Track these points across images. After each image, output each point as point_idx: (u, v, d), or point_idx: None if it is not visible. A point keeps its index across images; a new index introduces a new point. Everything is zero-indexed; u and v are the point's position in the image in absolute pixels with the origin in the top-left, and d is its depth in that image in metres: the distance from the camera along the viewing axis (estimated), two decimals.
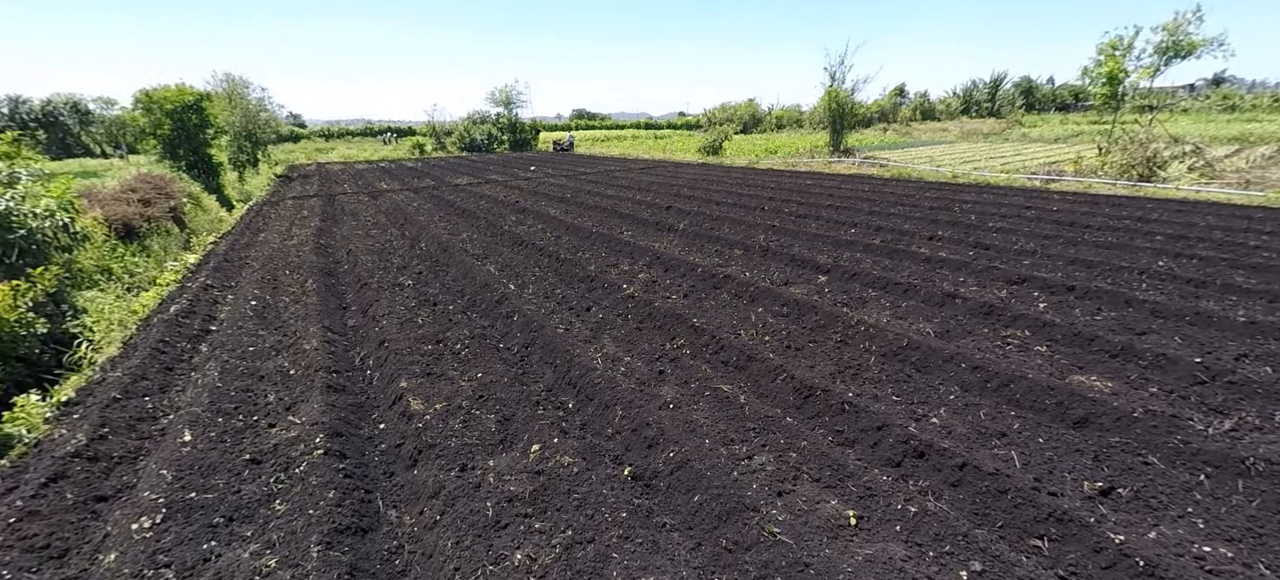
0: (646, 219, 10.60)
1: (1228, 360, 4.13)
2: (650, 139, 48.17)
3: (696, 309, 5.63)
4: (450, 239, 9.18)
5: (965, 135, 38.65)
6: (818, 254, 7.53)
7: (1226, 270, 6.27)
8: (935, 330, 4.90)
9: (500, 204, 13.24)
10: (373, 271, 7.27)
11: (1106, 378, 3.96)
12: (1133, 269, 6.40)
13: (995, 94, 76.64)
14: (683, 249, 8.19)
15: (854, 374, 4.16)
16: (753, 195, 13.27)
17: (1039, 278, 6.12)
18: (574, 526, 2.65)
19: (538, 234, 9.60)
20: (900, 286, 6.07)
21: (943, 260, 7.01)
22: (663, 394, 3.95)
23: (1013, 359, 4.27)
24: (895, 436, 3.28)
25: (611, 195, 14.15)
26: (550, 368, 4.47)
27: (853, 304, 5.69)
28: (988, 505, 2.77)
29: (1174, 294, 5.58)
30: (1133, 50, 14.14)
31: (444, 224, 10.80)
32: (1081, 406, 3.52)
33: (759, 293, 6.01)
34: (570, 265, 7.39)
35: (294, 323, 5.46)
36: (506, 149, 38.10)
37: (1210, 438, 3.16)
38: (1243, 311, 5.01)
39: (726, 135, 27.67)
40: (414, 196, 15.02)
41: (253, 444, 3.42)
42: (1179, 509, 2.68)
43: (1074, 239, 7.93)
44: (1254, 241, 7.42)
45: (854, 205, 11.36)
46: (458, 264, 7.59)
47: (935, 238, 8.34)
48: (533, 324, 5.19)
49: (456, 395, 3.96)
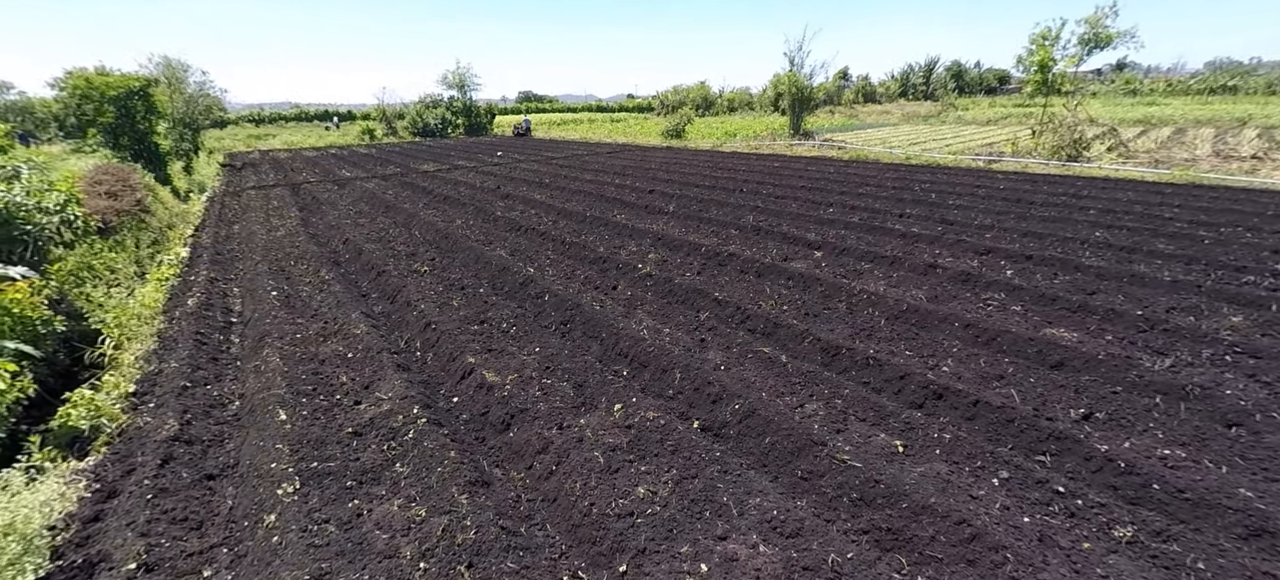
0: (634, 202, 10.97)
1: (1161, 312, 5.03)
2: (607, 122, 48.09)
3: (713, 284, 6.12)
4: (447, 226, 9.25)
5: (906, 118, 40.87)
6: (806, 232, 8.19)
7: (1150, 239, 7.36)
8: (927, 296, 5.61)
9: (481, 190, 13.24)
10: (384, 260, 7.33)
11: (1071, 329, 4.76)
12: (1075, 239, 7.40)
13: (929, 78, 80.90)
14: (680, 230, 8.66)
15: (868, 334, 4.78)
16: (728, 177, 13.86)
17: (1002, 249, 6.99)
18: (676, 466, 3.10)
19: (533, 219, 9.81)
20: (887, 259, 6.79)
21: (917, 235, 7.81)
22: (710, 358, 4.44)
23: (995, 317, 5.02)
24: (916, 383, 3.90)
25: (590, 180, 14.39)
26: (596, 341, 4.86)
27: (850, 276, 6.34)
28: (1001, 431, 3.42)
29: (1111, 260, 6.56)
30: (1059, 41, 15.70)
31: (433, 211, 10.79)
32: (1057, 353, 4.27)
33: (765, 268, 6.57)
34: (578, 248, 7.71)
35: (327, 311, 5.55)
36: (462, 133, 37.16)
37: (1157, 372, 3.95)
38: (1167, 273, 6.00)
39: (689, 119, 28.20)
40: (385, 184, 14.72)
41: (349, 419, 3.66)
42: (1142, 425, 3.43)
43: (1023, 214, 8.96)
44: (1168, 213, 8.66)
45: (825, 186, 12.15)
46: (465, 250, 7.75)
47: (905, 215, 9.18)
48: (567, 303, 5.53)
49: (524, 368, 4.29)
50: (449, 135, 35.96)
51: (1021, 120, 34.38)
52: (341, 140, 32.51)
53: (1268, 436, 3.25)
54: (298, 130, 42.76)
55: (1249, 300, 5.20)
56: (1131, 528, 2.59)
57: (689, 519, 2.76)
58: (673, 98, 69.02)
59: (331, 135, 36.62)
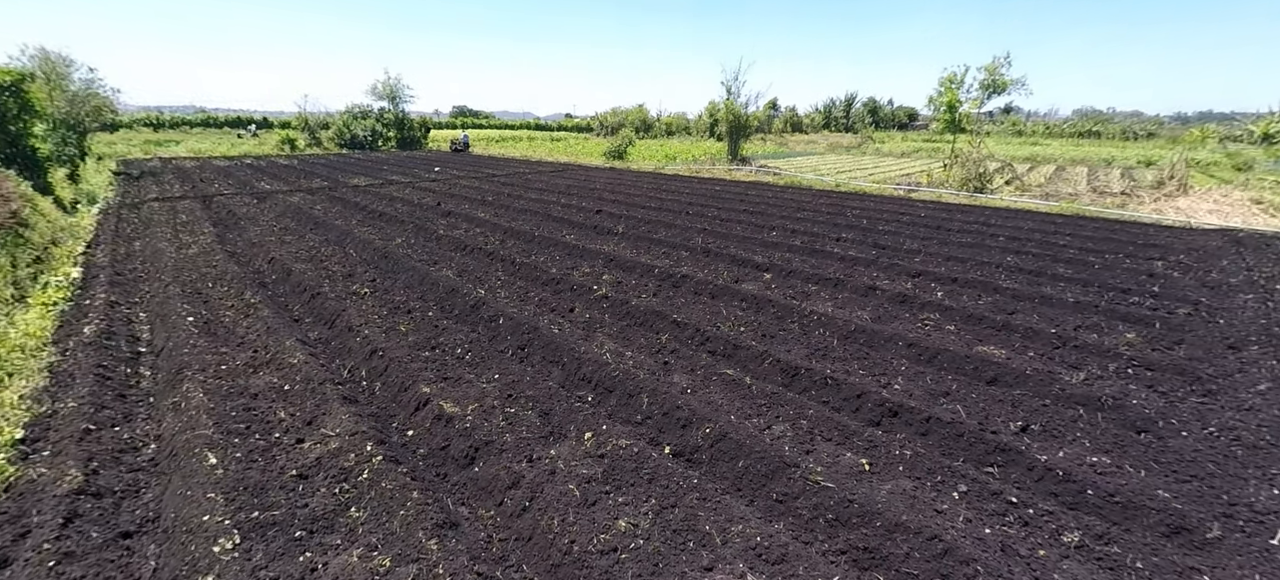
0: (582, 223, 10.91)
1: (1070, 330, 5.60)
2: (547, 140, 47.84)
3: (671, 306, 6.16)
4: (385, 245, 8.76)
5: (831, 148, 43.59)
6: (753, 254, 8.46)
7: (1051, 264, 8.21)
8: (871, 317, 5.94)
9: (419, 207, 12.69)
10: (318, 281, 6.81)
11: (999, 347, 5.18)
12: (990, 264, 8.12)
13: (849, 111, 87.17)
14: (632, 251, 8.68)
15: (823, 355, 4.97)
16: (673, 199, 14.13)
17: (930, 272, 7.55)
18: (655, 496, 3.05)
19: (478, 239, 9.50)
20: (831, 281, 7.13)
21: (855, 258, 8.28)
22: (676, 381, 4.44)
23: (934, 336, 5.38)
24: (873, 401, 4.09)
25: (536, 198, 14.19)
26: (558, 366, 4.74)
27: (800, 297, 6.60)
28: (953, 445, 3.65)
29: (1023, 283, 7.25)
30: (963, 84, 17.50)
31: (368, 229, 10.19)
32: (991, 369, 4.63)
33: (719, 290, 6.71)
34: (529, 269, 7.53)
35: (256, 339, 5.06)
36: (394, 147, 35.60)
37: (1075, 385, 4.37)
38: (1069, 295, 6.71)
39: (630, 140, 28.58)
40: (311, 198, 13.78)
41: (292, 461, 3.32)
42: (1071, 435, 3.77)
43: (944, 240, 9.74)
44: (1062, 241, 9.72)
45: (765, 210, 12.66)
46: (409, 271, 7.37)
47: (842, 239, 9.72)
48: (524, 326, 5.37)
49: (485, 396, 4.09)
50: (380, 148, 34.34)
51: (930, 154, 37.66)
52: (258, 150, 30.19)
53: (1171, 441, 3.67)
54: (205, 137, 39.34)
55: (1137, 318, 5.90)
56: (1078, 533, 2.82)
57: (673, 551, 2.71)
58: (612, 119, 70.04)
59: (246, 144, 33.93)
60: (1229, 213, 11.58)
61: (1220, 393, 4.32)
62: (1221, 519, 2.94)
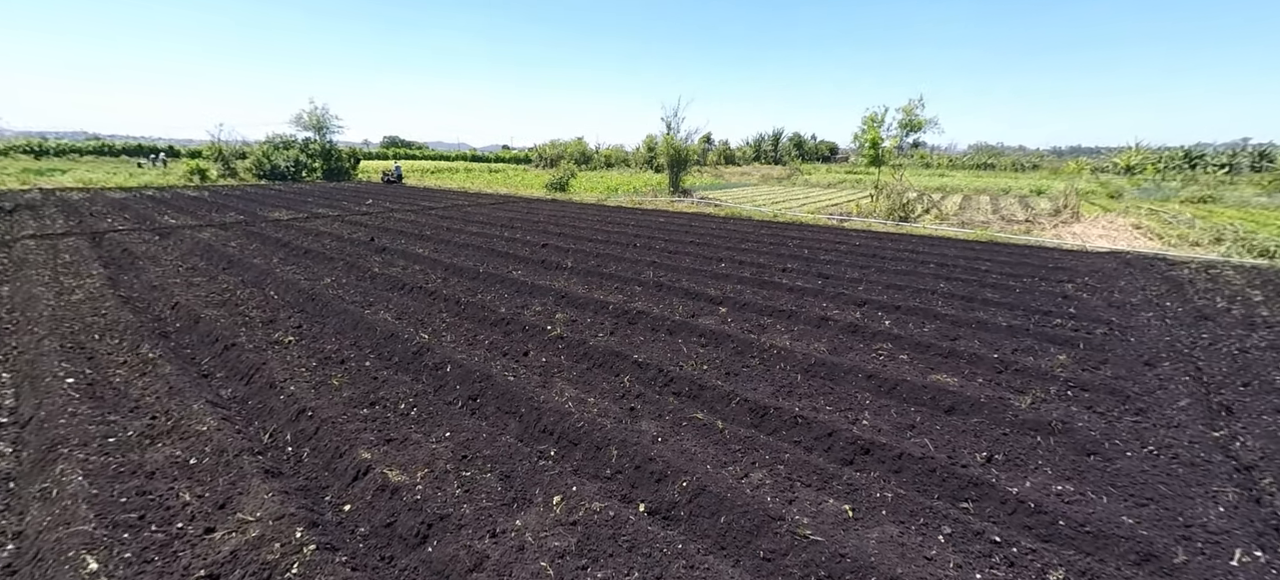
0: (529, 257, 10.55)
1: (1009, 354, 5.88)
2: (485, 172, 46.95)
3: (629, 345, 5.95)
4: (313, 286, 8.02)
5: (764, 180, 45.53)
6: (706, 287, 8.44)
7: (979, 289, 8.74)
8: (828, 348, 5.99)
9: (350, 243, 11.85)
10: (232, 330, 6.06)
11: (950, 374, 5.34)
12: (926, 290, 8.53)
13: (777, 145, 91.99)
14: (583, 287, 8.43)
15: (789, 391, 4.91)
16: (619, 232, 14.04)
17: (874, 300, 7.80)
18: (637, 567, 2.78)
19: (419, 277, 8.92)
20: (784, 313, 7.19)
21: (803, 289, 8.45)
22: (644, 429, 4.20)
23: (890, 367, 5.47)
24: (844, 439, 4.04)
25: (477, 232, 13.66)
26: (515, 418, 4.38)
27: (756, 330, 6.58)
28: (927, 482, 3.63)
29: (959, 308, 7.63)
30: (884, 123, 18.90)
31: (293, 268, 9.34)
32: (947, 398, 4.73)
33: (676, 326, 6.58)
34: (476, 309, 7.10)
35: (154, 402, 4.35)
36: (319, 178, 33.58)
37: (1025, 410, 4.54)
38: (1001, 318, 7.11)
39: (572, 173, 28.49)
40: (225, 234, 12.56)
41: (198, 558, 2.77)
42: (1032, 463, 3.86)
43: (881, 268, 10.18)
44: (984, 267, 10.42)
45: (711, 241, 12.82)
46: (340, 314, 6.74)
47: (788, 268, 9.94)
48: (474, 374, 4.97)
49: (436, 459, 3.67)
50: (304, 179, 32.26)
51: (854, 185, 40.18)
52: (163, 180, 27.52)
53: (1118, 462, 3.84)
54: (98, 166, 35.59)
55: (1063, 340, 6.31)
56: (1062, 569, 2.82)
57: None
58: (551, 151, 69.98)
59: (148, 173, 30.89)
60: (1116, 236, 12.95)
61: (1149, 410, 4.61)
62: (1182, 542, 3.05)
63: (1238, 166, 47.49)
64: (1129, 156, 48.88)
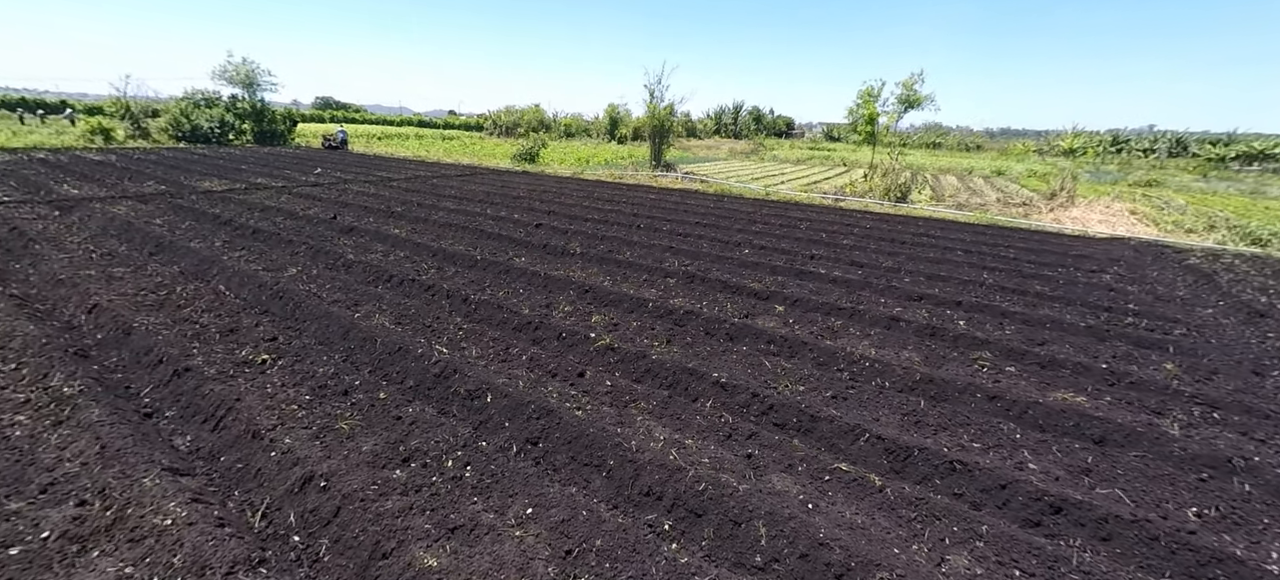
0: (526, 241, 9.28)
1: (1109, 361, 5.30)
2: (437, 139, 43.95)
3: (696, 357, 4.97)
4: (275, 279, 6.53)
5: (732, 155, 44.88)
6: (743, 278, 7.53)
7: (1022, 279, 8.25)
8: (922, 359, 5.23)
9: (308, 221, 10.13)
10: (183, 345, 4.62)
11: (1069, 390, 4.68)
12: (972, 282, 7.96)
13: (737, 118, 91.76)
14: (606, 278, 7.32)
15: (917, 422, 4.09)
16: (614, 211, 12.87)
17: (930, 294, 7.13)
18: None
19: (406, 265, 7.53)
20: (845, 311, 6.39)
21: (846, 280, 7.69)
22: (781, 488, 3.27)
23: (1004, 383, 4.76)
24: (1025, 494, 3.26)
25: (453, 209, 12.14)
26: (599, 473, 3.34)
27: (826, 334, 5.75)
28: (1152, 557, 2.89)
29: (1019, 303, 7.07)
30: (880, 99, 18.39)
31: (243, 254, 7.70)
32: (1092, 426, 4.05)
33: (735, 330, 5.64)
34: (491, 309, 5.90)
35: (81, 468, 3.02)
36: (250, 141, 30.11)
37: (1180, 438, 3.91)
38: (1069, 316, 6.58)
39: (542, 143, 26.68)
40: (146, 208, 10.51)
41: None
42: (1259, 522, 3.21)
43: (910, 254, 9.59)
44: (1010, 253, 10.02)
45: (717, 223, 11.89)
46: (322, 318, 5.38)
47: (815, 256, 9.17)
48: (525, 406, 3.86)
49: (529, 561, 2.59)
50: (232, 143, 28.78)
51: (823, 161, 40.15)
52: (55, 140, 23.68)
53: None
54: None
55: (1152, 343, 5.82)
56: None
57: None
58: (506, 118, 66.74)
59: (40, 133, 26.58)
60: (1115, 222, 13.02)
61: None
62: None
63: (1157, 151, 50.98)
64: (1070, 140, 51.50)
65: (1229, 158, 43.27)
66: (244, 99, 31.32)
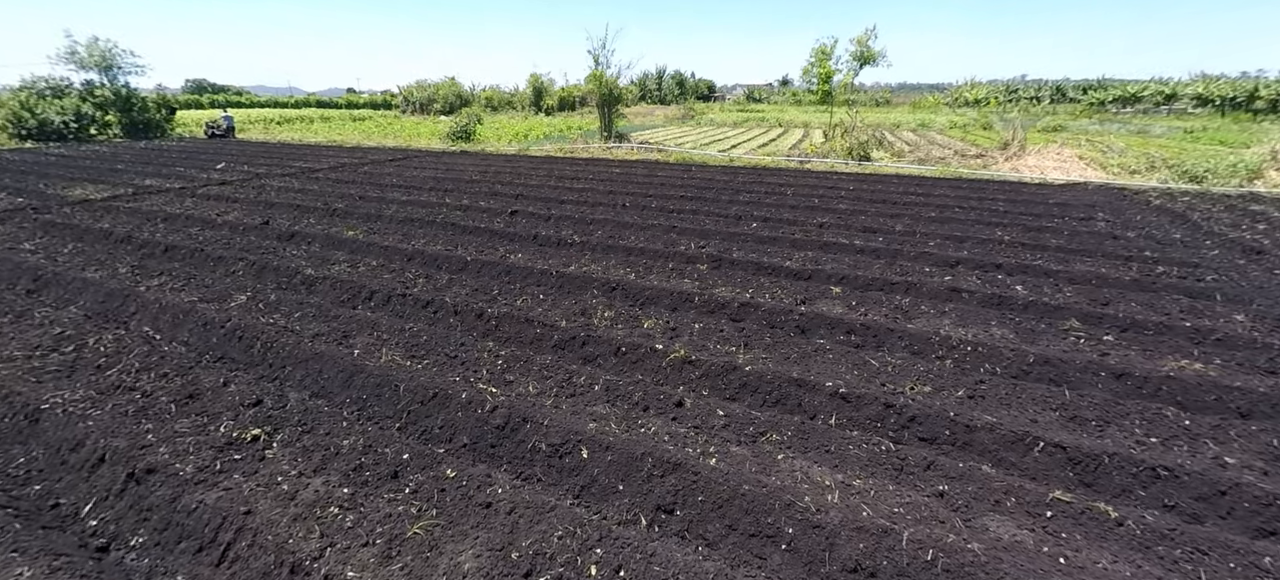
0: (510, 232, 8.13)
1: (1177, 316, 5.19)
2: (346, 121, 39.81)
3: (786, 360, 4.28)
4: (221, 312, 5.11)
5: (669, 121, 44.07)
6: (774, 258, 6.90)
7: (1033, 234, 8.21)
8: (1014, 335, 4.84)
9: (232, 228, 8.36)
10: (122, 426, 3.31)
11: (1177, 357, 4.45)
12: (991, 241, 7.79)
13: (661, 84, 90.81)
14: (629, 271, 6.43)
15: (1072, 418, 3.63)
16: (587, 189, 11.80)
17: (964, 258, 6.86)
18: None
19: (382, 275, 6.24)
20: (898, 286, 5.95)
21: (873, 249, 7.28)
22: (1006, 537, 2.65)
23: (1114, 357, 4.45)
24: (1251, 498, 2.87)
25: (404, 200, 10.59)
26: (776, 546, 2.59)
27: (897, 314, 5.26)
28: None
29: (1053, 260, 6.94)
30: (833, 56, 18.25)
31: (164, 280, 6.07)
32: (1234, 398, 3.79)
33: (804, 322, 5.01)
34: (519, 324, 4.89)
35: None
36: (117, 135, 25.60)
37: None
38: (1105, 269, 6.51)
39: (478, 118, 24.52)
40: (2, 230, 8.27)
41: None
42: None
43: (914, 216, 9.36)
44: (1000, 206, 10.08)
45: (702, 195, 11.18)
46: (309, 361, 4.16)
47: (825, 224, 8.72)
48: (638, 460, 3.01)
49: None
50: (95, 138, 24.31)
51: (757, 123, 40.36)
52: None
53: None
54: None
55: (1199, 292, 5.80)
56: None
57: None
58: (419, 94, 61.85)
59: None
60: (1068, 168, 13.66)
61: None
62: None
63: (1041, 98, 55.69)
64: (975, 91, 55.14)
65: (1108, 101, 48.09)
66: (103, 85, 26.47)
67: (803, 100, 76.10)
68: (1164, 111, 44.40)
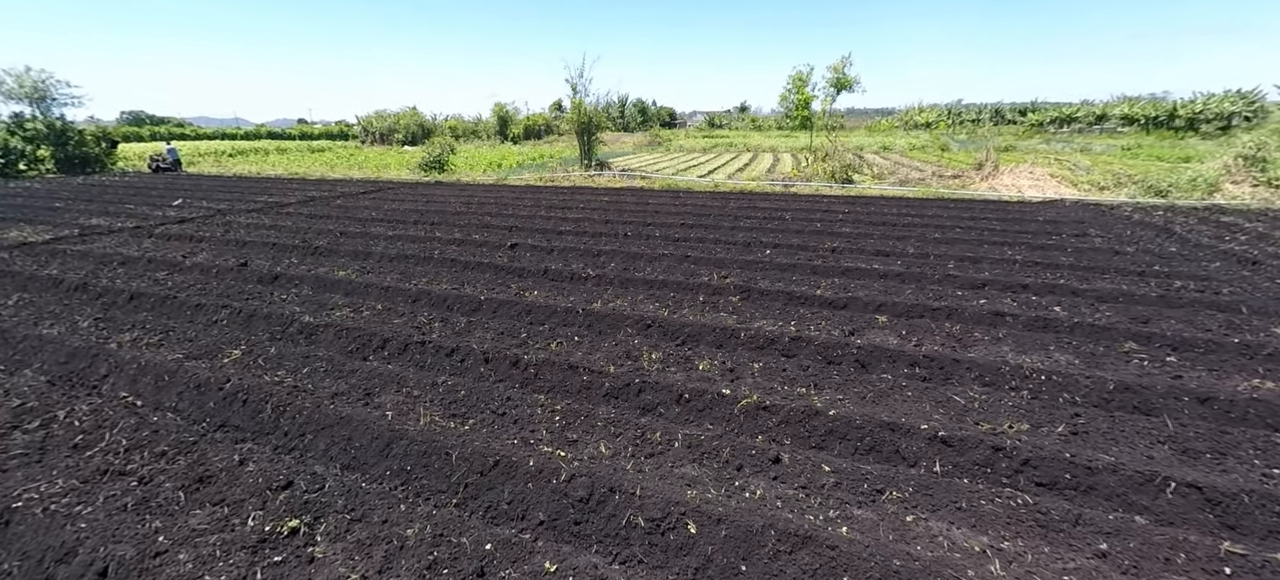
0: (517, 268, 7.66)
1: (1219, 333, 5.21)
2: (305, 152, 38.29)
3: (864, 401, 4.00)
4: (213, 369, 4.46)
5: (638, 148, 44.33)
6: (802, 287, 6.68)
7: (1040, 253, 8.32)
8: (1078, 361, 4.72)
9: (205, 272, 7.57)
10: (120, 525, 2.70)
11: (1243, 377, 4.42)
12: (1006, 261, 7.82)
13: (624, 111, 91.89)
14: (659, 306, 6.08)
15: (1183, 450, 3.45)
16: (581, 218, 11.44)
17: (989, 279, 6.82)
18: None
19: (393, 320, 5.67)
20: (940, 312, 5.81)
21: (898, 273, 7.17)
22: None
23: (1186, 379, 4.36)
24: None
25: (391, 236, 9.96)
26: None
27: (953, 344, 5.08)
28: None
29: (1074, 278, 6.99)
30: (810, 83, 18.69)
31: (137, 334, 5.33)
32: None
33: (863, 355, 4.76)
34: (561, 371, 4.45)
35: None
36: (51, 170, 23.69)
37: None
38: (1126, 286, 6.58)
39: (450, 148, 23.84)
40: None
41: None
42: None
43: (921, 237, 9.40)
44: (995, 225, 10.27)
45: (703, 222, 10.99)
46: (334, 427, 3.61)
47: (837, 250, 8.63)
48: (755, 535, 2.63)
49: None
50: (25, 174, 22.39)
51: (726, 149, 41.07)
52: None
53: None
54: None
55: (1222, 306, 5.89)
56: None
57: None
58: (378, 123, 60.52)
59: None
60: (1043, 186, 14.21)
61: None
62: None
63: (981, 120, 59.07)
64: (926, 114, 58.03)
65: (1046, 122, 51.43)
66: (35, 118, 24.54)
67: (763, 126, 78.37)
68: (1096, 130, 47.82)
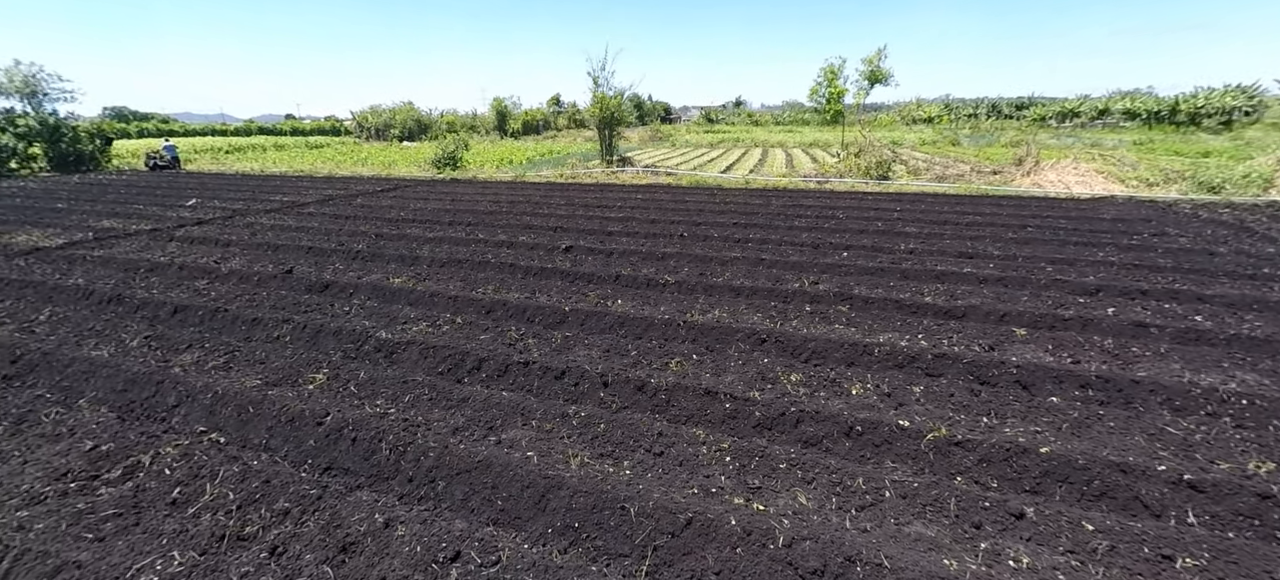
0: (584, 273, 7.11)
1: None
2: (304, 149, 37.35)
3: (1059, 433, 3.54)
4: (301, 399, 3.90)
5: (644, 143, 43.73)
6: (901, 293, 6.22)
7: (1122, 254, 7.93)
8: (1270, 381, 4.28)
9: (248, 279, 6.96)
10: None
11: None
12: (1100, 263, 7.43)
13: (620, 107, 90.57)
14: (763, 317, 5.59)
15: None
16: (621, 217, 10.90)
17: (1100, 284, 6.39)
18: None
19: (479, 336, 5.13)
20: (1073, 322, 5.36)
21: (1000, 278, 6.73)
22: None
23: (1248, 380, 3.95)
24: None
25: (433, 238, 9.37)
26: None
27: (1111, 360, 4.63)
28: None
29: (1172, 281, 6.59)
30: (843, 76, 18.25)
31: (199, 356, 4.74)
32: None
33: (1025, 375, 4.30)
34: (696, 397, 3.94)
35: None
36: (45, 168, 22.72)
37: None
38: (1235, 290, 6.19)
39: (464, 144, 23.14)
40: None
41: None
42: None
43: (974, 235, 9.01)
44: (1059, 223, 9.88)
45: (751, 220, 10.52)
46: (471, 472, 3.08)
47: (913, 251, 8.18)
48: None
49: None
50: (18, 173, 21.42)
51: (733, 143, 40.64)
52: None
53: None
54: None
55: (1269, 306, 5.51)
56: None
57: None
58: (374, 119, 59.40)
59: None
60: (1090, 182, 13.87)
61: None
62: None
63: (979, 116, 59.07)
64: (926, 110, 57.85)
65: (1048, 117, 51.45)
66: (27, 114, 23.50)
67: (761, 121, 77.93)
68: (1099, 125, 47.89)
